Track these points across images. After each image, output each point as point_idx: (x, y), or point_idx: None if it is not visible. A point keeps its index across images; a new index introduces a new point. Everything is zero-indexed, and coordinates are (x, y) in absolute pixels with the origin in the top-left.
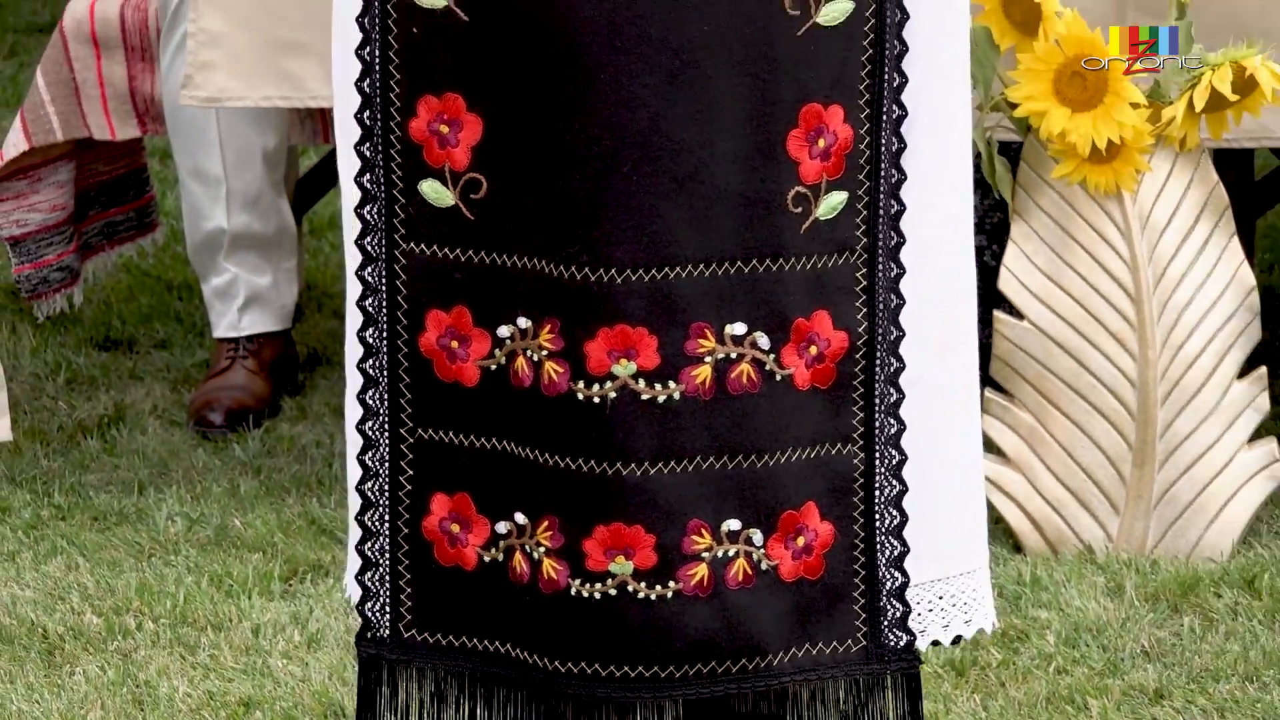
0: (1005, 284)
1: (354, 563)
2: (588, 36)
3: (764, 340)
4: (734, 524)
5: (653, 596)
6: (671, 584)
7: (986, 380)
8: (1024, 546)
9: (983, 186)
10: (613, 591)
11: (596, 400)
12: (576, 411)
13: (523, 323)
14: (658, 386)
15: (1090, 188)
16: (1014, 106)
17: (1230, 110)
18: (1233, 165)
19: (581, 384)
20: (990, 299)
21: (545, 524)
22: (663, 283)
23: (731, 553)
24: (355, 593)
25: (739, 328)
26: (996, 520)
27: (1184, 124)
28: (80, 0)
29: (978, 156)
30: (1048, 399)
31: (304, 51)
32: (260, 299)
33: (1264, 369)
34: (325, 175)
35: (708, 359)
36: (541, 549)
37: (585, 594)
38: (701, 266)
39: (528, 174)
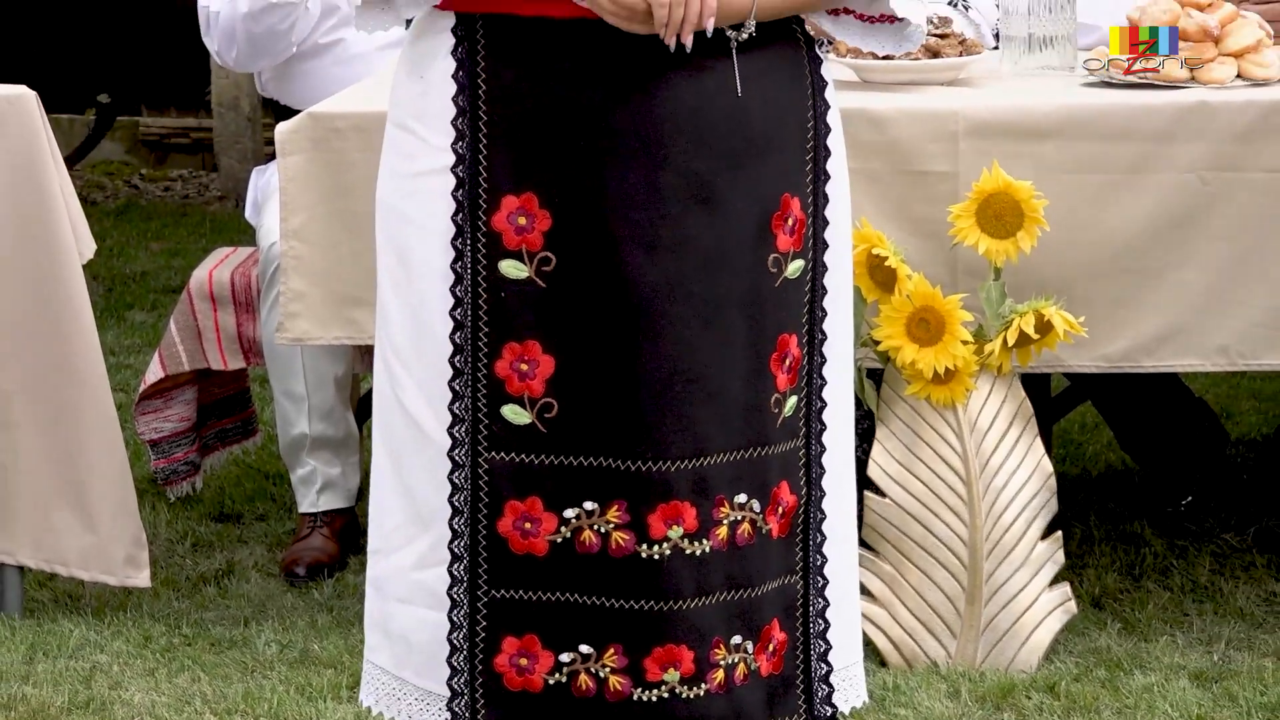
0: (872, 471)
1: (368, 676)
2: (651, 293)
3: (756, 505)
4: (738, 639)
5: (692, 695)
6: (703, 685)
7: (860, 541)
8: (887, 662)
9: (857, 402)
10: (665, 695)
11: (656, 557)
12: (640, 567)
13: (589, 505)
14: (696, 544)
15: (933, 401)
16: (877, 343)
17: (1033, 345)
18: (1036, 384)
19: (644, 546)
20: (861, 482)
21: (611, 650)
22: (700, 468)
23: (736, 660)
24: (367, 701)
25: (742, 497)
26: (867, 643)
27: (1000, 355)
28: (201, 268)
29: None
30: (903, 554)
31: (363, 303)
32: (332, 484)
33: (1060, 533)
34: None
35: (725, 521)
36: (607, 669)
37: (645, 698)
38: (723, 455)
39: (598, 398)
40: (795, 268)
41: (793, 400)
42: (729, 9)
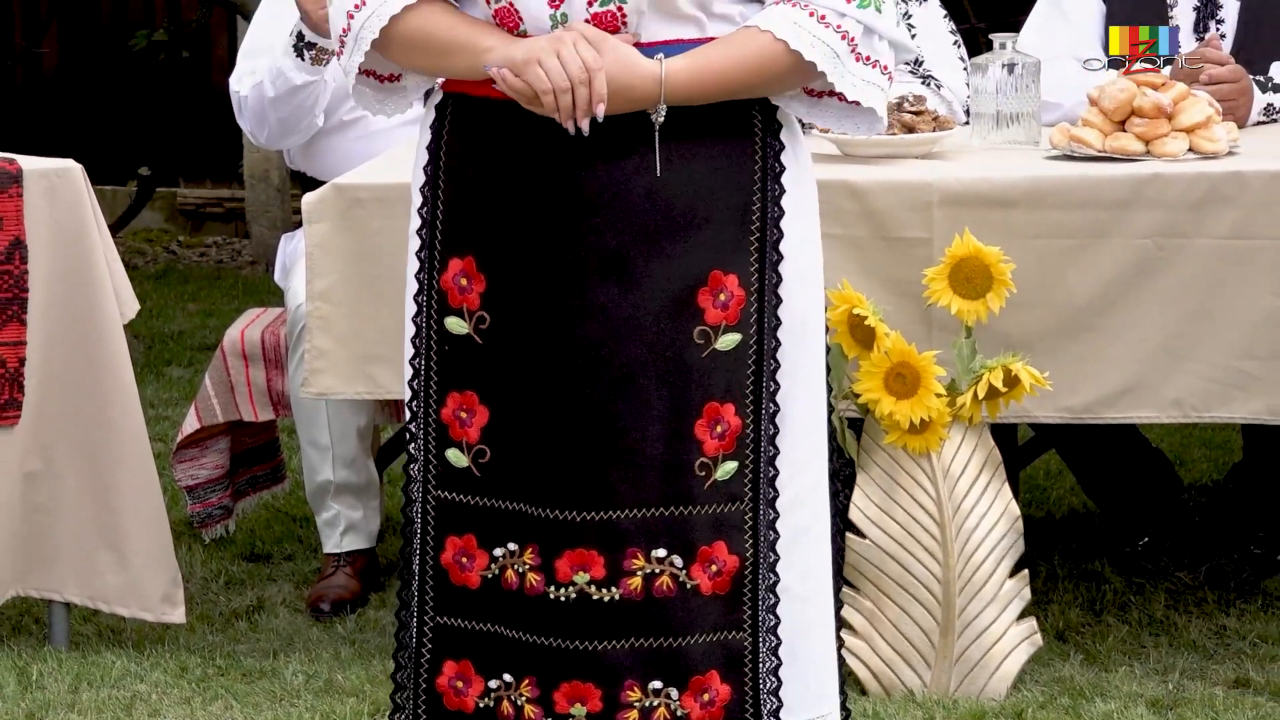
0: (854, 514)
1: None
2: (568, 357)
3: (678, 560)
4: (657, 684)
5: None
6: None
7: (842, 579)
8: (867, 691)
9: (838, 450)
10: None
11: (563, 599)
12: (550, 607)
13: (511, 546)
14: (604, 590)
15: (909, 450)
16: (858, 396)
17: (1002, 398)
18: (1004, 434)
19: (552, 588)
20: (844, 525)
21: (527, 680)
22: (608, 520)
23: (656, 703)
24: None
25: (661, 551)
26: (849, 673)
27: (971, 407)
28: (234, 328)
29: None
30: (882, 591)
31: (382, 360)
32: (354, 527)
33: (1026, 571)
34: (398, 444)
35: (639, 572)
36: (524, 698)
37: None
38: (636, 510)
39: (522, 449)
40: (729, 340)
41: (730, 465)
42: (632, 94)
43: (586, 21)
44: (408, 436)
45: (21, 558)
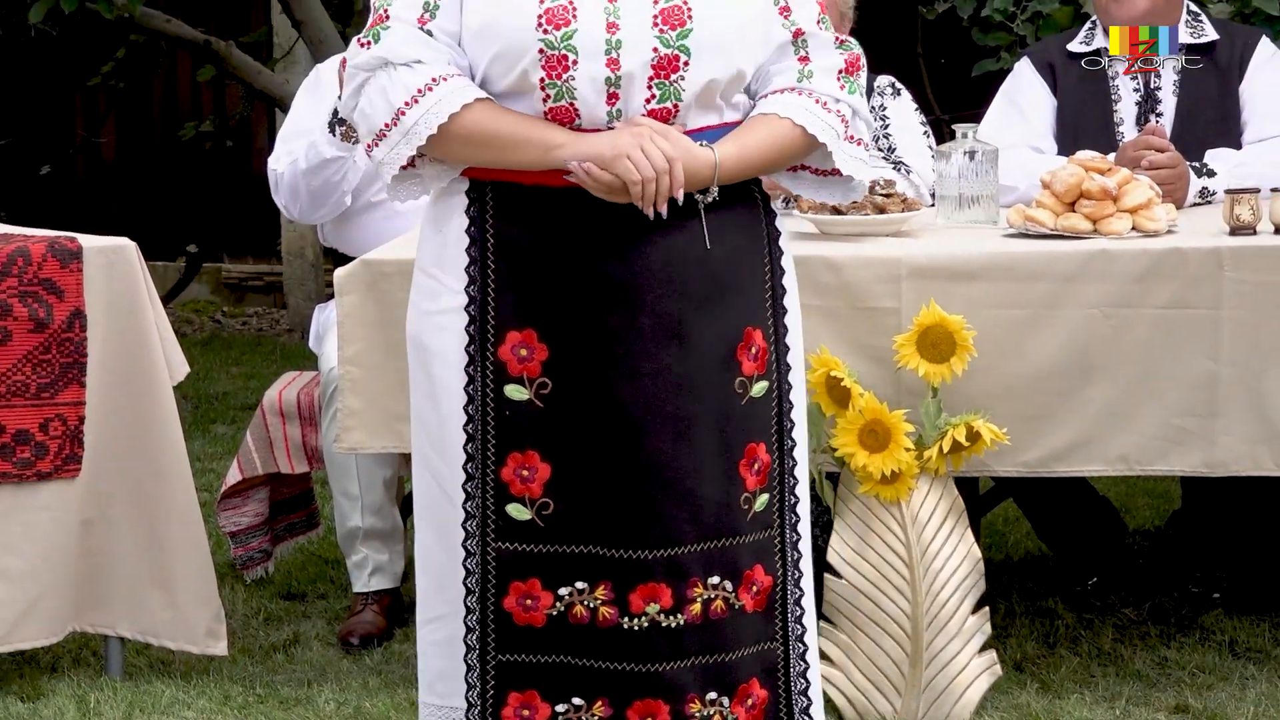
0: (831, 557)
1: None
2: (632, 414)
3: (729, 585)
4: (713, 695)
5: None
6: None
7: (821, 615)
8: (844, 717)
9: (816, 499)
10: None
11: (636, 628)
12: (622, 635)
13: (580, 585)
14: (671, 618)
15: (881, 499)
16: (835, 450)
17: (964, 452)
18: (966, 484)
19: (626, 619)
20: (821, 566)
21: (599, 702)
22: (674, 556)
23: (711, 712)
24: None
25: (715, 579)
26: (828, 700)
27: (937, 461)
28: (273, 389)
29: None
30: (857, 626)
31: (406, 418)
32: (381, 569)
33: (987, 608)
34: None
35: (699, 599)
36: (596, 717)
37: None
38: (695, 545)
39: (590, 498)
40: (760, 388)
41: (764, 498)
42: (695, 179)
43: (644, 116)
44: (464, 496)
45: (80, 597)
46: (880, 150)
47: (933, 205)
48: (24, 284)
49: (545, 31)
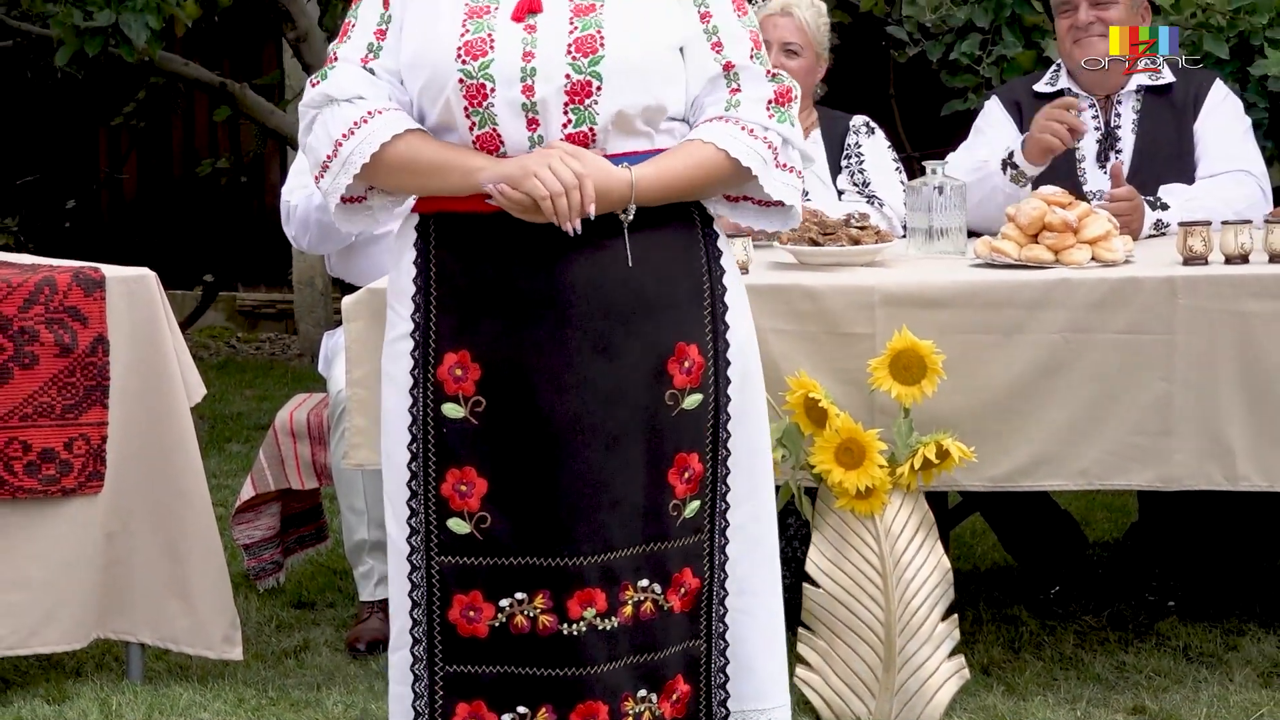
0: (809, 568)
1: None
2: (561, 426)
3: (657, 587)
4: (644, 692)
5: None
6: None
7: (800, 622)
8: (822, 718)
9: (795, 513)
10: None
11: (575, 634)
12: (562, 642)
13: (519, 595)
14: (606, 621)
15: (856, 513)
16: (813, 467)
17: (934, 469)
18: (936, 499)
19: (565, 625)
20: (801, 576)
21: (543, 709)
22: (606, 561)
23: (642, 709)
24: None
25: (645, 581)
26: (806, 702)
27: (908, 477)
28: (284, 410)
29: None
30: (834, 633)
31: None
32: (386, 579)
33: (956, 615)
34: None
35: (630, 601)
36: None
37: None
38: (626, 549)
39: (524, 510)
40: (693, 400)
41: (694, 504)
42: (610, 197)
43: (562, 140)
44: (408, 512)
45: (103, 605)
46: (855, 185)
47: (904, 237)
48: (50, 311)
49: (464, 61)
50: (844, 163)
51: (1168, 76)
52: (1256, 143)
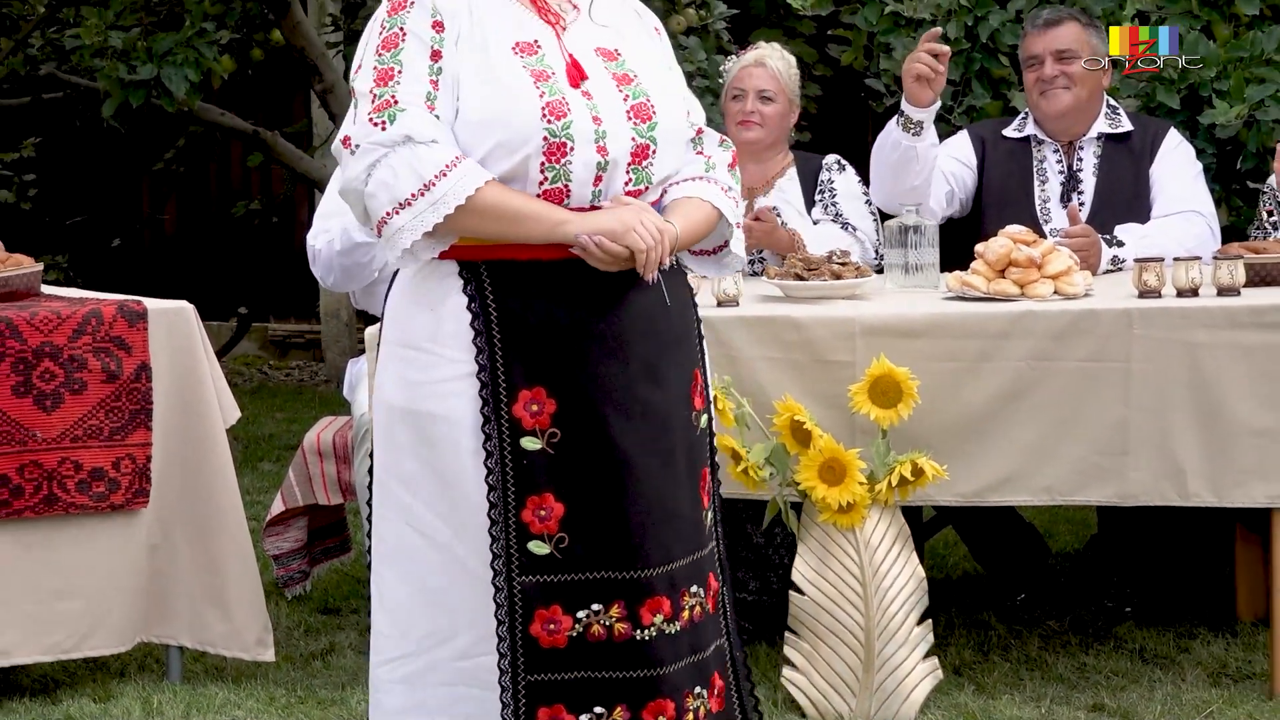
0: (795, 576)
1: None
2: (628, 451)
3: (701, 592)
4: (699, 689)
5: None
6: None
7: (786, 627)
8: (807, 715)
9: (782, 525)
10: None
11: (646, 638)
12: (635, 646)
13: (595, 607)
14: (671, 625)
15: (838, 526)
16: (798, 484)
17: (910, 486)
18: (912, 513)
19: (638, 631)
20: (788, 585)
21: (619, 708)
22: (670, 571)
23: (699, 705)
24: None
25: (695, 588)
26: (793, 700)
27: (886, 493)
28: (312, 432)
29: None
30: (818, 637)
31: None
32: None
33: (930, 620)
34: None
35: (687, 606)
36: None
37: None
38: (682, 559)
39: (600, 529)
40: (704, 420)
41: (710, 513)
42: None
43: (627, 195)
44: (490, 539)
45: (146, 611)
46: (829, 215)
47: (877, 259)
48: (97, 341)
49: (549, 121)
50: (818, 196)
51: (1126, 125)
52: (1206, 186)
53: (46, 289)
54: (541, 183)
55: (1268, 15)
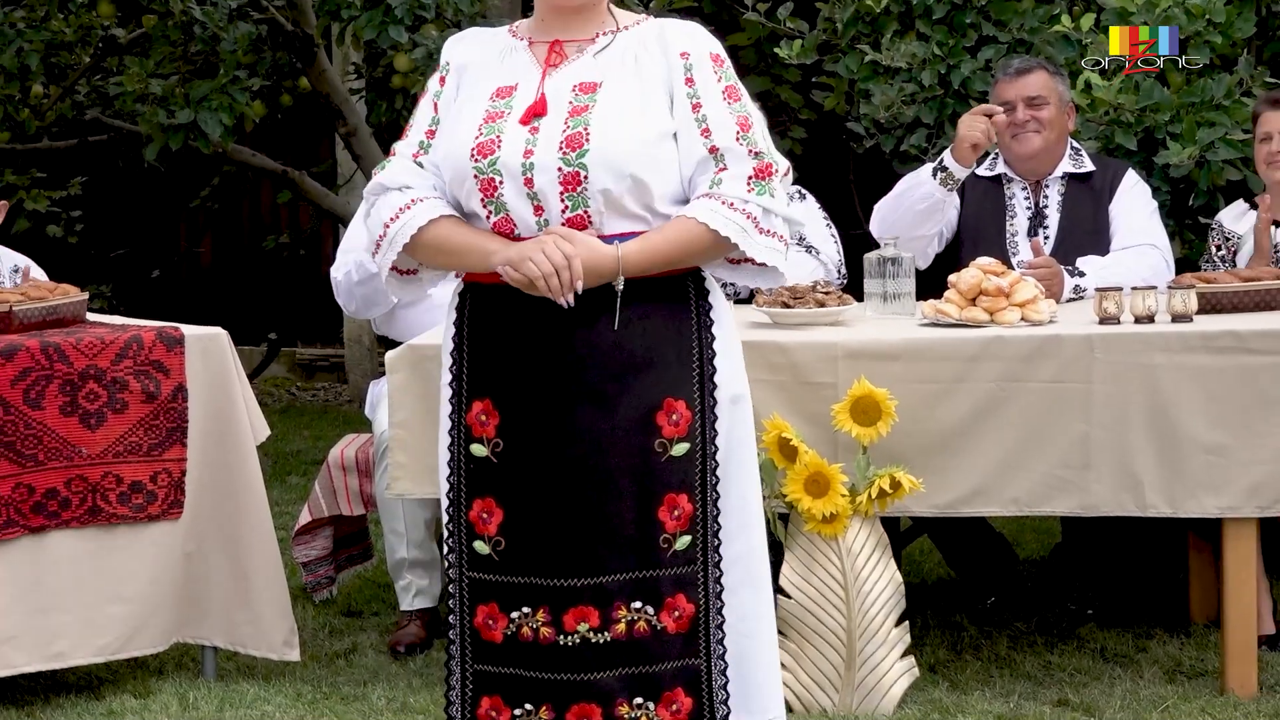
0: (782, 582)
1: None
2: (563, 467)
3: (650, 609)
4: (639, 700)
5: None
6: None
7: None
8: (793, 710)
9: (771, 535)
10: None
11: (570, 644)
12: (560, 651)
13: (525, 609)
14: (599, 635)
15: (822, 535)
16: (785, 496)
17: (888, 497)
18: (890, 523)
19: (561, 637)
20: (775, 589)
21: (544, 707)
22: (599, 583)
23: (639, 714)
24: None
25: (638, 604)
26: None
27: (867, 504)
28: (336, 448)
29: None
30: (804, 637)
31: None
32: (423, 591)
33: (907, 622)
34: None
35: (622, 620)
36: None
37: None
38: (617, 575)
39: (531, 537)
40: (681, 448)
41: (685, 538)
42: (599, 271)
43: (563, 224)
44: (445, 533)
45: (182, 614)
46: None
47: (840, 280)
48: (138, 364)
49: (475, 160)
50: None
51: (1088, 165)
52: (1161, 221)
53: (91, 316)
54: (488, 215)
55: (1217, 64)
